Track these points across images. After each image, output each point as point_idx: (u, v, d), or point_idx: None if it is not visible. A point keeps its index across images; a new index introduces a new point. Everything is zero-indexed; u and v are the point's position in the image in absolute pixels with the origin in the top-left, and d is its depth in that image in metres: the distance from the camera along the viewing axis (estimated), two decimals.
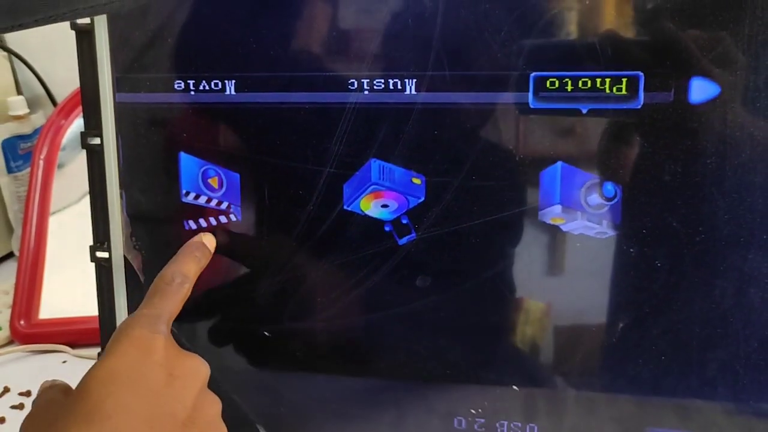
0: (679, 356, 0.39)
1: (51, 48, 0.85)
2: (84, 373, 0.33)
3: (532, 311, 0.41)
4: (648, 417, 0.40)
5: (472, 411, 0.43)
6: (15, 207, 0.85)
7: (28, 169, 0.78)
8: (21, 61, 0.89)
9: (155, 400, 0.32)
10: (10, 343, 0.68)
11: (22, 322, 0.68)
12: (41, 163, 0.75)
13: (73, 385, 0.34)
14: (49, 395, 0.35)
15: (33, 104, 0.89)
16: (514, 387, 0.42)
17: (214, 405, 0.36)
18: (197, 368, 0.35)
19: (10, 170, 0.84)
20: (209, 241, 0.42)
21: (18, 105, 0.84)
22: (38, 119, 0.86)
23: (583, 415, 0.41)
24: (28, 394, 0.59)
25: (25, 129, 0.84)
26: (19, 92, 0.90)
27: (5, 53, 0.89)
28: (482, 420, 0.43)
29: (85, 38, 0.43)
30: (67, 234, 0.74)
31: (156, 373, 0.33)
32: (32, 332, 0.67)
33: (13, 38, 0.89)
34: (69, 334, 0.67)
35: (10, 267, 0.80)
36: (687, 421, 0.40)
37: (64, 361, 0.64)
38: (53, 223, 0.74)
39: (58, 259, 0.72)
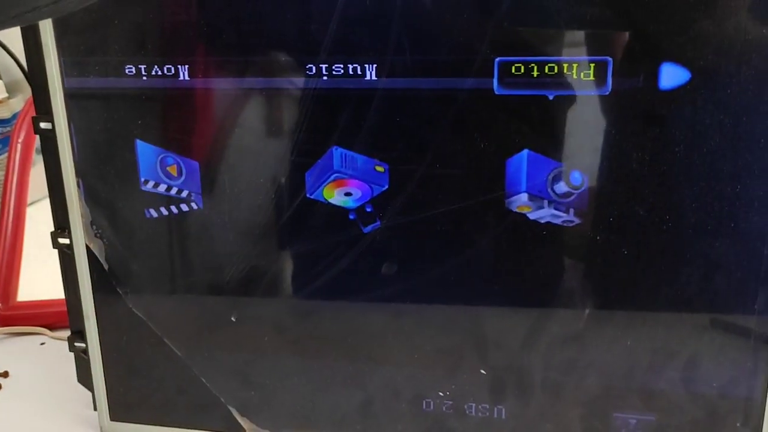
0: (643, 344, 0.38)
1: None
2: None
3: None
4: (614, 401, 0.39)
5: (440, 393, 0.41)
6: None
7: (7, 155, 0.74)
8: None
9: None
10: None
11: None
12: (19, 146, 0.72)
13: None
14: None
15: (12, 89, 0.84)
16: (482, 371, 0.41)
17: None
18: None
19: None
20: None
21: None
22: (17, 103, 0.82)
23: (550, 398, 0.40)
24: (5, 375, 0.57)
25: (4, 113, 0.81)
26: None
27: None
28: (450, 402, 0.41)
29: None
30: (48, 219, 0.70)
31: None
32: (10, 315, 0.65)
33: None
34: (47, 317, 0.64)
35: None
36: (651, 404, 0.39)
37: (43, 343, 0.62)
38: (33, 208, 0.71)
39: (36, 242, 0.69)
